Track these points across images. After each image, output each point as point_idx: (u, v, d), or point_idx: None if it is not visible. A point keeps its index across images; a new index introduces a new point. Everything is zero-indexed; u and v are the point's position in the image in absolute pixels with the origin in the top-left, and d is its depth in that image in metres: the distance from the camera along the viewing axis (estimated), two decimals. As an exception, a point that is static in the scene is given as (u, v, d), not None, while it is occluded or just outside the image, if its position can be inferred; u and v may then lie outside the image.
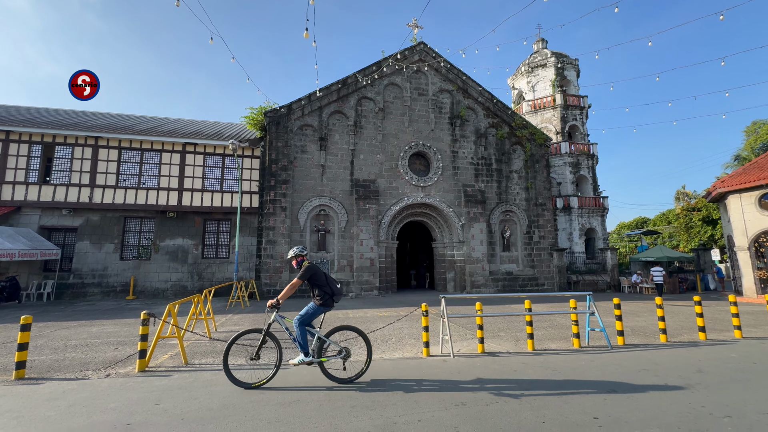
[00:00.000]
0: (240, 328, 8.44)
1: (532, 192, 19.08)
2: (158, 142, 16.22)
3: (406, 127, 17.94)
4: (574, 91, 23.17)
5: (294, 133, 16.50)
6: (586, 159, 21.86)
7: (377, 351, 6.23)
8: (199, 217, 16.56)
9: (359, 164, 17.06)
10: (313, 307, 4.57)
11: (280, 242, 15.42)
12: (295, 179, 16.22)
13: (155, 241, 15.97)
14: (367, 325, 8.69)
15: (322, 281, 4.59)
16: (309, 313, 4.54)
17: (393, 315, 10.22)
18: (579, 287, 18.50)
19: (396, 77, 18.11)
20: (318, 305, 4.55)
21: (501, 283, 17.68)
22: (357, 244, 16.12)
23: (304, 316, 4.53)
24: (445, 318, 6.05)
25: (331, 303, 4.61)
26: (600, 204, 21.23)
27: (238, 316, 10.37)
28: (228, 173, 16.88)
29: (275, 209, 15.60)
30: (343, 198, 16.63)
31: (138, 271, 15.60)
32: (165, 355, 5.99)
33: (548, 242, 18.67)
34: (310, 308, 4.57)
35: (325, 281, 4.61)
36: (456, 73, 18.80)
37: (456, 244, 17.83)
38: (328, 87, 16.91)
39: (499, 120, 19.30)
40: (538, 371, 4.94)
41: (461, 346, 6.53)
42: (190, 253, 16.18)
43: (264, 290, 14.94)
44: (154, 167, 16.16)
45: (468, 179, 18.38)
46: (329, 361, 4.61)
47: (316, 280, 4.58)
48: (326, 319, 9.39)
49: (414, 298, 15.04)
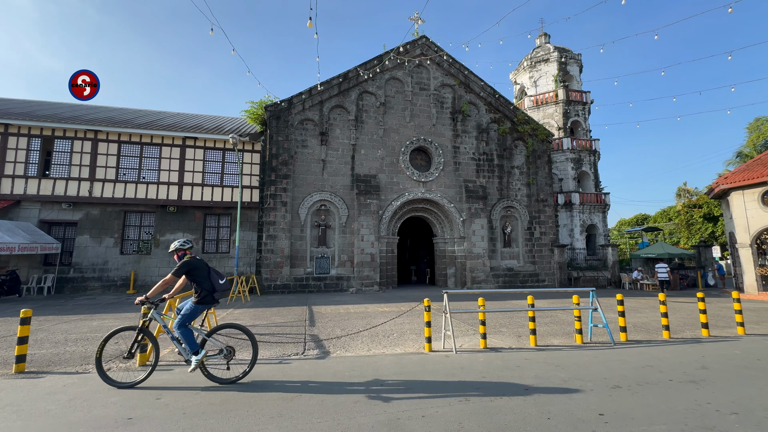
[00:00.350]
0: (241, 322, 8.42)
1: (533, 188, 19.00)
2: (158, 136, 16.12)
3: (408, 122, 17.82)
4: (576, 87, 23.01)
5: (295, 128, 16.39)
6: (588, 155, 21.75)
7: (378, 346, 6.20)
8: (200, 211, 16.50)
9: (360, 159, 16.97)
10: (191, 307, 4.28)
11: (280, 237, 15.37)
12: (295, 174, 16.14)
13: (155, 236, 15.92)
14: (368, 320, 8.67)
15: (202, 277, 4.31)
16: (186, 315, 4.25)
17: (394, 310, 10.20)
18: (580, 283, 18.49)
19: (397, 71, 17.96)
20: (195, 304, 4.28)
21: (502, 279, 17.66)
22: (358, 239, 16.08)
23: (183, 317, 4.25)
24: (447, 313, 6.01)
25: (211, 300, 4.36)
26: (601, 200, 21.16)
27: (239, 310, 10.35)
28: (228, 168, 16.79)
29: (276, 204, 15.54)
30: (343, 193, 16.55)
31: (138, 265, 15.57)
32: (165, 349, 5.96)
33: (549, 238, 18.63)
34: (188, 308, 4.28)
35: (206, 276, 4.34)
36: (458, 68, 18.64)
37: (457, 240, 17.79)
38: (329, 81, 16.77)
39: (501, 115, 19.17)
40: (542, 367, 4.91)
41: (463, 342, 6.50)
42: (190, 248, 16.11)
43: (265, 285, 14.92)
44: (154, 161, 16.07)
45: (469, 175, 18.29)
46: (215, 360, 4.40)
47: (195, 276, 4.30)
48: (323, 314, 9.38)
49: (415, 293, 15.02)
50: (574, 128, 22.63)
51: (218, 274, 4.48)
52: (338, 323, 8.27)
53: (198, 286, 4.30)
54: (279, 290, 15.02)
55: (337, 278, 15.84)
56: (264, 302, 12.18)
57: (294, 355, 5.64)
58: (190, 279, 4.34)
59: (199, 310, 4.33)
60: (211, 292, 4.34)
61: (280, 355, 5.60)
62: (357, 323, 8.25)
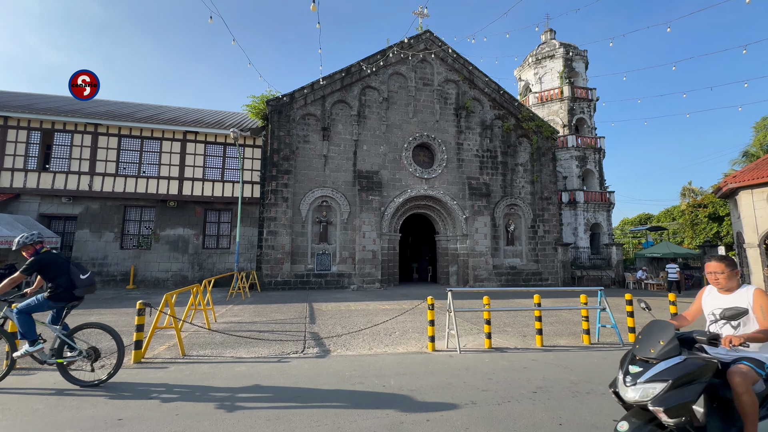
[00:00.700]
0: (241, 319, 8.28)
1: (537, 186, 18.77)
2: (158, 129, 15.96)
3: (411, 118, 17.60)
4: (582, 84, 22.70)
5: (296, 123, 16.20)
6: (593, 153, 21.49)
7: (380, 344, 6.03)
8: (200, 206, 16.35)
9: (362, 155, 16.78)
10: (40, 300, 3.97)
11: (281, 233, 15.22)
12: (297, 169, 15.96)
13: (155, 231, 15.80)
14: (369, 318, 8.51)
15: (58, 273, 3.99)
16: (32, 305, 3.95)
17: (396, 308, 10.04)
18: (583, 282, 18.28)
19: (401, 66, 17.72)
20: (46, 298, 3.96)
21: (504, 277, 17.47)
22: (359, 236, 15.91)
23: (27, 305, 3.96)
24: (451, 312, 5.84)
25: (69, 297, 4.03)
26: (606, 199, 20.91)
27: (239, 307, 10.21)
28: (229, 162, 16.63)
29: (277, 199, 15.38)
30: (345, 189, 16.37)
31: (138, 260, 15.45)
32: (162, 346, 5.82)
33: (553, 237, 18.42)
34: (37, 299, 3.98)
35: (64, 272, 4.01)
36: (462, 63, 18.39)
37: (459, 238, 17.60)
38: (332, 75, 16.56)
39: (505, 112, 18.92)
40: (550, 369, 4.74)
41: (467, 341, 6.33)
42: (190, 243, 16.02)
43: (265, 281, 14.79)
44: (155, 155, 15.92)
45: (473, 172, 18.07)
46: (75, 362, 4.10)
47: (48, 274, 3.99)
48: (324, 311, 9.23)
49: (416, 291, 14.86)
50: (579, 126, 22.35)
51: (80, 269, 4.15)
52: (339, 321, 8.11)
53: (52, 283, 3.98)
54: (279, 287, 14.89)
55: (338, 275, 15.69)
56: (264, 298, 12.04)
57: (293, 353, 5.48)
58: (43, 277, 4.03)
59: (49, 305, 4.02)
60: (70, 288, 4.01)
61: (279, 354, 5.45)
62: (358, 321, 8.09)
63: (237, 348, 5.71)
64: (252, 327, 7.43)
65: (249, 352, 5.47)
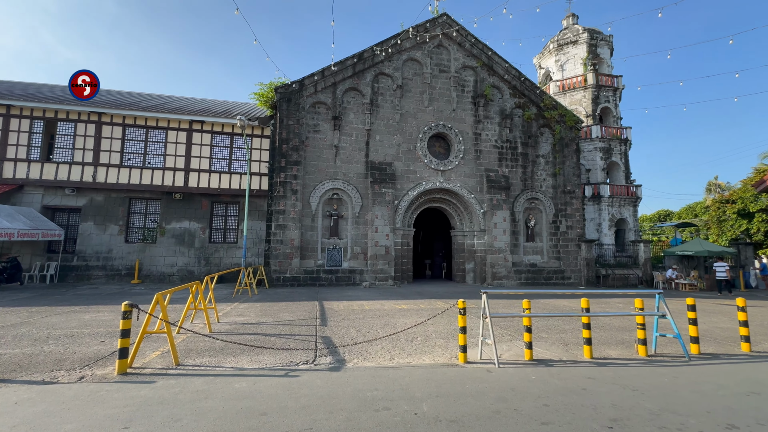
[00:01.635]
0: (246, 320, 7.58)
1: (559, 178, 17.70)
2: (164, 119, 15.35)
3: (426, 107, 16.67)
4: (607, 71, 21.42)
5: (306, 111, 15.43)
6: (619, 144, 20.26)
7: (402, 353, 5.25)
8: (207, 199, 15.75)
9: (375, 145, 15.94)
10: None
11: (290, 227, 14.52)
12: (306, 160, 15.22)
13: (161, 224, 15.25)
14: (386, 319, 7.73)
15: None
16: None
17: (413, 308, 9.24)
18: (609, 282, 17.22)
19: (416, 52, 16.77)
20: None
21: (524, 275, 16.53)
22: (372, 230, 15.13)
23: None
24: (487, 318, 5.01)
25: None
26: (632, 193, 19.71)
27: (245, 305, 9.54)
28: (236, 153, 15.96)
29: (285, 192, 14.67)
30: (357, 181, 15.58)
31: (143, 254, 14.94)
32: (155, 351, 5.12)
33: (576, 233, 17.37)
34: None
35: None
36: (481, 48, 17.34)
37: (477, 233, 16.69)
38: (343, 61, 15.71)
39: (526, 100, 17.84)
40: (615, 391, 3.88)
41: (502, 350, 5.50)
42: (197, 237, 15.44)
43: (273, 277, 14.13)
44: (160, 146, 15.33)
45: (491, 164, 17.10)
46: None
47: None
48: (336, 311, 8.47)
49: (432, 289, 14.04)
50: (604, 115, 21.11)
51: None
52: (353, 322, 7.35)
53: None
54: (288, 283, 14.22)
55: (350, 272, 14.96)
56: (272, 296, 11.36)
57: (303, 363, 4.73)
58: None
59: None
60: None
61: (287, 363, 4.70)
62: (374, 323, 7.32)
63: (239, 356, 4.98)
64: (257, 329, 6.71)
65: (252, 362, 4.74)
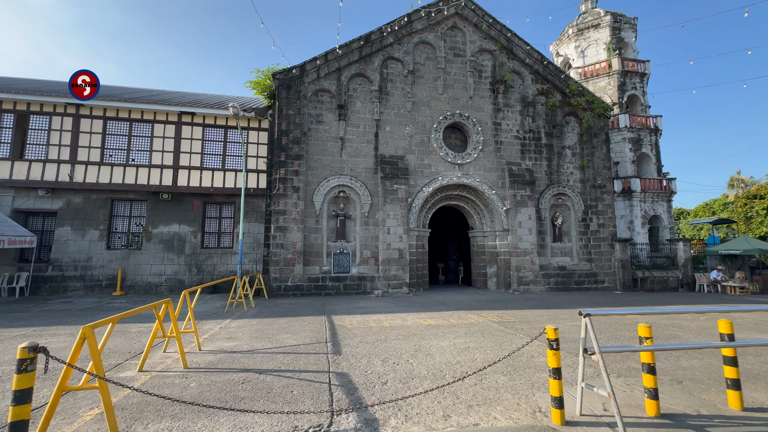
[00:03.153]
0: (236, 345, 5.91)
1: (588, 171, 16.03)
2: (149, 111, 13.79)
3: (440, 94, 15.06)
4: (632, 55, 19.80)
5: (308, 100, 13.83)
6: (649, 134, 18.60)
7: (458, 404, 3.55)
8: (198, 199, 14.13)
9: (385, 137, 14.32)
10: None
11: (292, 229, 12.88)
12: (309, 154, 13.60)
13: (147, 228, 13.63)
14: (415, 341, 6.02)
15: None
16: None
17: (442, 324, 7.55)
18: (647, 285, 15.47)
19: (428, 34, 15.19)
20: None
21: (553, 279, 14.82)
22: (383, 232, 13.47)
23: None
24: (596, 354, 3.26)
25: None
26: (666, 187, 18.02)
27: (238, 322, 7.86)
28: (231, 149, 14.37)
29: (286, 190, 13.04)
30: (366, 177, 13.95)
31: (127, 262, 13.30)
32: (92, 410, 3.45)
33: (608, 231, 15.66)
34: None
35: None
36: (499, 30, 15.75)
37: (499, 233, 15.00)
38: (348, 44, 14.14)
39: (549, 86, 16.21)
40: None
41: (599, 398, 3.80)
42: (187, 242, 13.80)
43: (273, 286, 12.47)
44: (145, 141, 13.76)
45: (513, 156, 15.45)
46: None
47: None
48: (349, 330, 6.77)
49: (454, 297, 12.34)
50: (631, 104, 19.48)
51: None
52: (374, 348, 5.67)
53: None
54: (290, 292, 12.55)
55: (359, 278, 13.28)
56: (271, 309, 9.69)
57: (312, 430, 3.05)
58: None
59: None
60: None
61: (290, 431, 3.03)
62: (401, 348, 5.63)
63: (216, 418, 3.31)
64: (249, 361, 5.04)
65: (235, 430, 3.07)
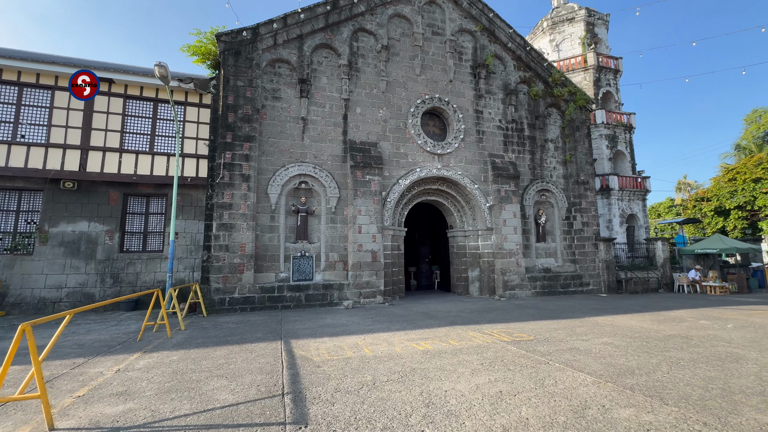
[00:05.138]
0: (127, 409, 3.50)
1: (571, 167, 15.06)
2: (49, 74, 10.61)
3: (418, 75, 13.31)
4: (605, 51, 19.47)
5: (262, 71, 11.41)
6: (624, 131, 18.24)
7: None
8: (116, 190, 11.09)
9: (355, 120, 12.25)
10: None
11: (240, 227, 10.34)
12: (263, 136, 11.17)
13: (42, 227, 10.38)
14: (419, 384, 3.97)
15: None
16: None
17: (443, 349, 5.59)
18: (630, 287, 14.73)
19: (404, 7, 13.40)
20: None
21: (539, 282, 13.53)
22: (353, 231, 11.35)
23: None
24: None
25: None
26: (641, 185, 17.67)
27: (151, 358, 5.35)
28: (163, 127, 11.52)
29: (233, 178, 10.50)
30: (333, 166, 11.77)
31: (11, 272, 9.97)
32: None
33: (592, 230, 14.74)
34: None
35: None
36: (481, 9, 14.36)
37: (482, 233, 13.48)
38: (313, 8, 11.93)
39: (532, 74, 15.08)
40: None
41: None
42: (100, 245, 10.72)
43: (215, 299, 9.85)
44: (42, 112, 10.54)
45: (495, 148, 14.05)
46: None
47: None
48: (317, 365, 4.56)
49: (437, 306, 10.49)
50: (605, 100, 19.09)
51: None
52: (360, 405, 3.56)
53: None
54: (237, 306, 10.00)
55: (325, 287, 11.01)
56: (208, 332, 7.18)
57: None
58: None
59: None
60: None
61: None
62: (402, 400, 3.57)
63: None
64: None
65: None
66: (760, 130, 34.67)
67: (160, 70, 8.69)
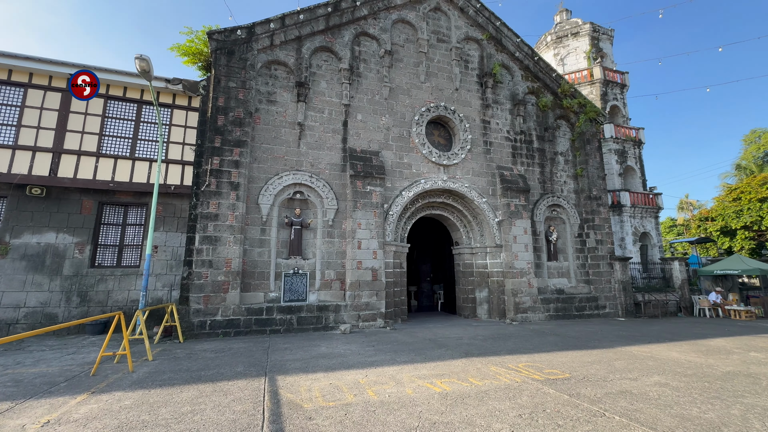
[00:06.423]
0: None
1: (583, 181, 14.27)
2: (22, 70, 9.72)
3: (422, 82, 12.61)
4: (611, 66, 19.09)
5: (257, 72, 10.61)
6: (633, 146, 17.61)
7: None
8: (91, 198, 10.03)
9: (356, 127, 11.42)
10: None
11: (226, 240, 9.27)
12: (255, 142, 10.26)
13: (3, 237, 9.25)
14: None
15: None
16: None
17: (464, 391, 4.49)
18: (649, 310, 13.69)
19: (408, 12, 12.84)
20: None
21: (552, 305, 12.47)
22: (352, 246, 10.31)
23: None
24: None
25: None
26: (653, 202, 16.90)
27: (104, 399, 4.20)
28: (146, 131, 10.59)
29: (220, 186, 9.50)
30: (331, 175, 10.84)
31: (-38, 288, 8.77)
32: None
33: (607, 249, 13.81)
34: None
35: None
36: (487, 17, 13.86)
37: (491, 250, 12.50)
38: (313, 9, 11.28)
39: (540, 85, 14.49)
40: None
41: None
42: (68, 258, 9.57)
43: (194, 322, 8.67)
44: (11, 112, 9.58)
45: (504, 160, 13.26)
46: None
47: None
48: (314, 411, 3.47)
49: (445, 332, 9.37)
50: (613, 115, 18.56)
51: None
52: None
53: None
54: (219, 330, 8.82)
55: (319, 308, 9.87)
56: (179, 364, 6.02)
57: None
58: None
59: None
60: None
61: None
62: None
63: None
64: None
65: None
66: (760, 150, 34.58)
67: (141, 63, 7.81)
